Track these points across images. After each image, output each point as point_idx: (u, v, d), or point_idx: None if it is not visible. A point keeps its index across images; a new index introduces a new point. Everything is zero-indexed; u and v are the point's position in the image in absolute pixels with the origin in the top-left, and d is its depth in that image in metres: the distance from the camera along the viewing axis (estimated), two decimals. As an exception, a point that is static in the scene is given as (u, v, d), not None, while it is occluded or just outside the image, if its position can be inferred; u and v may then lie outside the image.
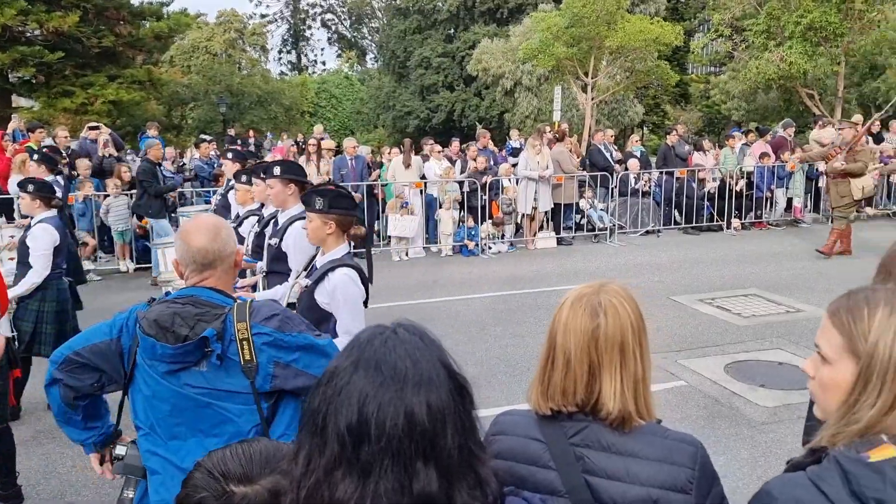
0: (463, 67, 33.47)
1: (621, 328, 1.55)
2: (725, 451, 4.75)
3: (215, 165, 12.12)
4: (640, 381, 1.57)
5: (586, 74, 21.31)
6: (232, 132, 20.83)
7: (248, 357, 2.11)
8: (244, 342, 2.10)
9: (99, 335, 2.25)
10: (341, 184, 10.71)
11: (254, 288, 4.64)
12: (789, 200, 13.62)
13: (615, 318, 1.56)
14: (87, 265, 10.17)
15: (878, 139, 14.54)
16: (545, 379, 1.60)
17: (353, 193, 10.81)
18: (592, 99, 22.01)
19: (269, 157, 11.61)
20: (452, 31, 37.19)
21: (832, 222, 10.62)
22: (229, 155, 6.79)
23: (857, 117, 15.12)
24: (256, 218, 5.18)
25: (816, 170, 13.23)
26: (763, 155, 13.01)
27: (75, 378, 2.25)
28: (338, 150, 12.26)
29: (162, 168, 10.24)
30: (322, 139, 12.02)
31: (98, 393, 2.32)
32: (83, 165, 10.59)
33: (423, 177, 11.61)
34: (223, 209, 6.55)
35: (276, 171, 4.36)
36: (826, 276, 9.19)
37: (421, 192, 11.40)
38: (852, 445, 1.22)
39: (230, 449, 1.39)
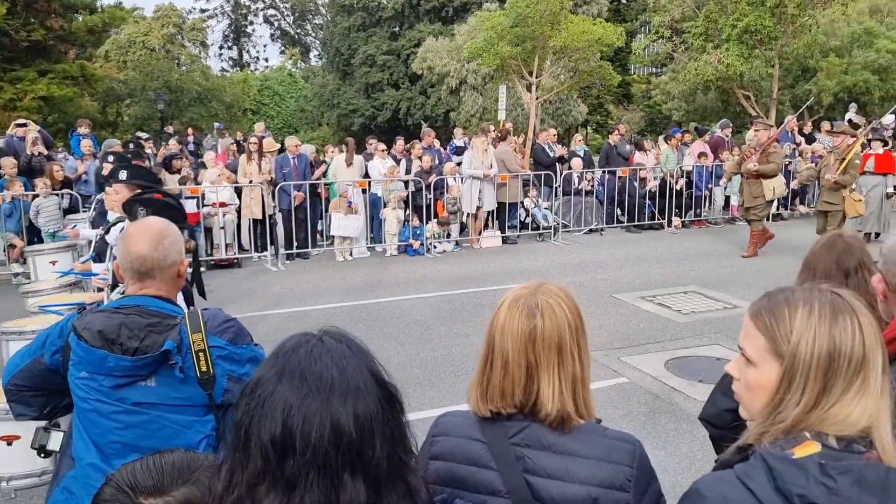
0: (408, 66, 33.41)
1: (558, 328, 1.55)
2: (665, 446, 4.81)
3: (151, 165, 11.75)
4: (579, 380, 1.58)
5: (531, 74, 21.46)
6: (170, 129, 20.29)
7: (204, 369, 2.02)
8: (200, 353, 2.02)
9: (26, 357, 2.15)
10: (284, 183, 10.59)
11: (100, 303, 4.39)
12: (727, 199, 13.97)
13: (552, 318, 1.56)
14: (15, 268, 9.75)
15: (809, 140, 15.05)
16: (484, 381, 1.60)
17: (295, 195, 10.47)
18: (537, 98, 22.18)
19: (208, 157, 11.33)
20: (397, 28, 37.07)
21: (750, 224, 10.74)
22: (110, 158, 6.46)
23: (791, 118, 15.61)
24: (123, 226, 4.85)
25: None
26: (701, 154, 13.31)
27: (23, 406, 2.18)
28: (282, 149, 12.03)
29: None
30: (263, 137, 11.77)
31: (52, 418, 2.25)
32: (9, 164, 10.12)
33: (367, 175, 11.49)
34: (100, 216, 6.08)
35: (122, 175, 4.08)
36: (762, 273, 9.44)
37: (364, 191, 11.28)
38: (777, 443, 1.24)
39: (141, 461, 1.34)
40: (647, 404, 5.54)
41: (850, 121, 15.31)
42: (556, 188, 12.60)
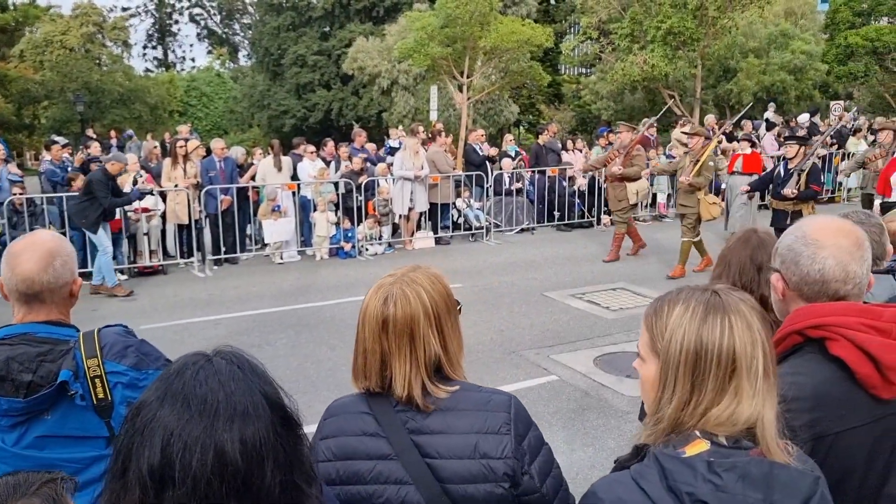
0: (339, 66, 33.06)
1: (411, 317, 1.62)
2: (594, 443, 4.87)
3: (69, 169, 11.26)
4: (442, 359, 1.66)
5: (462, 74, 21.54)
6: (91, 132, 19.53)
7: (101, 395, 1.88)
8: (97, 380, 1.87)
9: None
10: (210, 186, 10.29)
11: None
12: (654, 196, 14.31)
13: (404, 307, 1.63)
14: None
15: (730, 138, 15.54)
16: (354, 363, 1.71)
17: (223, 197, 10.22)
18: (468, 98, 22.28)
19: (131, 162, 10.91)
20: (328, 28, 36.69)
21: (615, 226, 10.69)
22: None
23: (710, 117, 16.12)
24: None
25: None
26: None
27: None
28: (208, 152, 11.69)
29: (112, 183, 9.14)
30: (187, 139, 11.42)
31: None
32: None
33: (296, 178, 11.30)
34: None
35: None
36: (688, 268, 9.69)
37: (294, 193, 11.09)
38: (670, 442, 1.27)
39: None
40: (577, 401, 5.60)
41: (767, 120, 15.91)
42: (487, 188, 12.66)
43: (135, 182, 10.20)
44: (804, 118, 16.43)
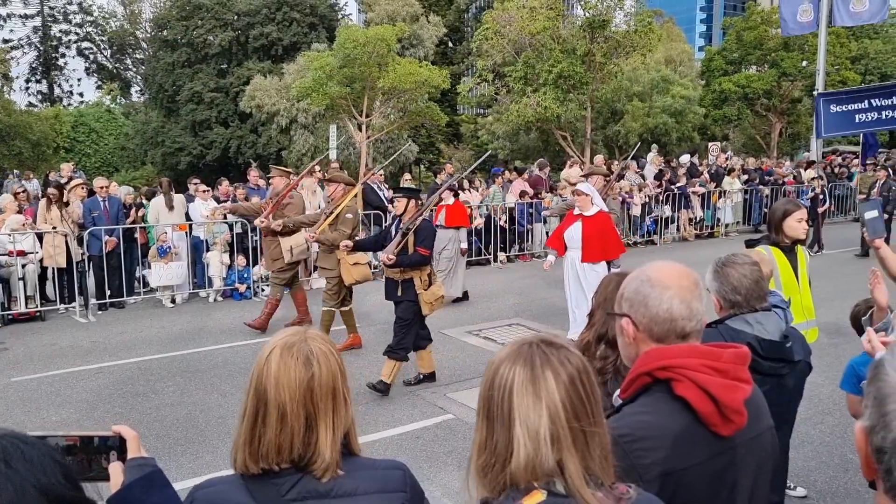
0: (237, 103, 32.61)
1: (333, 375, 1.53)
2: (488, 481, 4.90)
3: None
4: (351, 424, 1.58)
5: (361, 113, 21.70)
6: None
7: None
8: None
9: None
10: (94, 228, 9.83)
11: None
12: (547, 234, 14.75)
13: (327, 365, 1.53)
14: None
15: (619, 177, 16.28)
16: (255, 439, 1.50)
17: (108, 238, 9.78)
18: (368, 137, 22.43)
19: (2, 201, 10.30)
20: (225, 65, 36.19)
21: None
22: None
23: (599, 157, 16.87)
24: None
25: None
26: (522, 193, 14.00)
27: None
28: (92, 191, 11.17)
29: None
30: (61, 181, 10.86)
31: None
32: None
33: (189, 217, 10.97)
34: None
35: None
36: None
37: (186, 234, 10.75)
38: (510, 494, 1.28)
39: None
40: (472, 440, 5.63)
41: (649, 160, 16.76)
42: (386, 227, 12.65)
43: None
44: (685, 158, 17.43)
